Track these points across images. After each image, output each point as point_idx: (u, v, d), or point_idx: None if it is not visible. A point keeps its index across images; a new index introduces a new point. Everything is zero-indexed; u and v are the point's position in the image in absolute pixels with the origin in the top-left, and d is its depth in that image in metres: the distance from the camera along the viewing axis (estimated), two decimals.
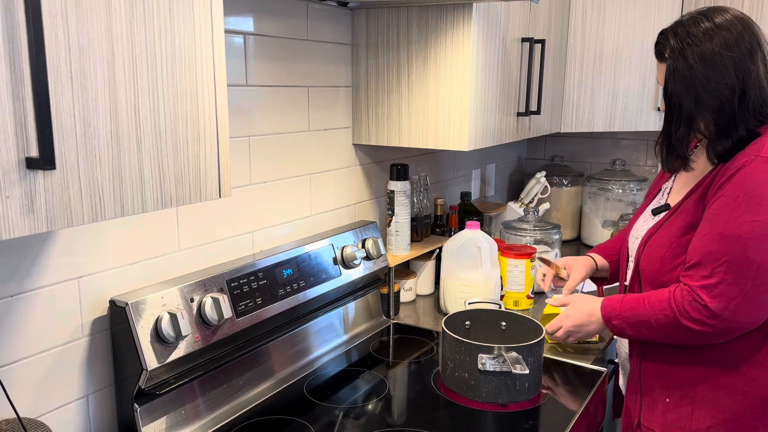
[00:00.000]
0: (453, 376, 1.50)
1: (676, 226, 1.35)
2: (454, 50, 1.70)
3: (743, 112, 1.27)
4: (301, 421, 1.39)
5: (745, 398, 1.31)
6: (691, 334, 1.29)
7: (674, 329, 1.31)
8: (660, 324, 1.32)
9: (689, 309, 1.28)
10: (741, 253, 1.22)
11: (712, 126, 1.29)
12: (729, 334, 1.28)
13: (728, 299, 1.24)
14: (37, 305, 1.15)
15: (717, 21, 1.27)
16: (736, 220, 1.23)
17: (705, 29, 1.27)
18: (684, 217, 1.34)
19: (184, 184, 0.96)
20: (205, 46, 0.95)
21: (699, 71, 1.27)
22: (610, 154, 3.05)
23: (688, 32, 1.29)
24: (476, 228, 1.96)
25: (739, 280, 1.23)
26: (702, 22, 1.28)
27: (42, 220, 0.78)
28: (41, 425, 1.06)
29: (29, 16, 0.71)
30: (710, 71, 1.26)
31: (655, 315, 1.33)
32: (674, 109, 1.32)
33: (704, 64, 1.26)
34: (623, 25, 2.34)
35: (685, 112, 1.30)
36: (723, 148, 1.29)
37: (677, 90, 1.30)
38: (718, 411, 1.33)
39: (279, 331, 1.56)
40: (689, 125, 1.31)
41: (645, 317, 1.34)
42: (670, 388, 1.38)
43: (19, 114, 0.73)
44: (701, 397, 1.34)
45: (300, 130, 1.71)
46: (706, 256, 1.26)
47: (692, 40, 1.28)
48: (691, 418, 1.35)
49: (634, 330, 1.37)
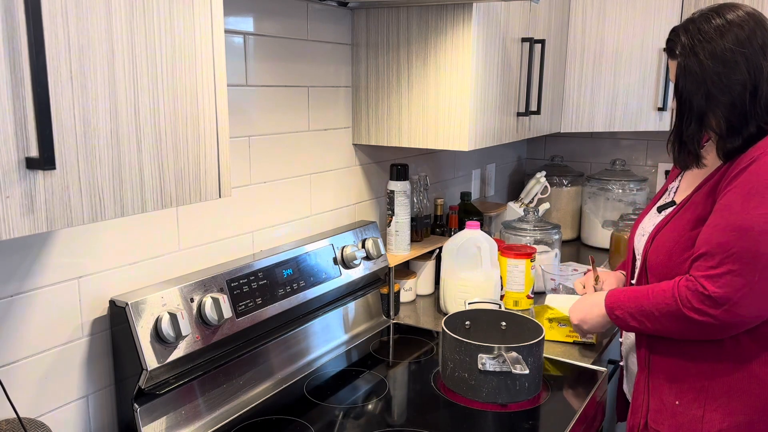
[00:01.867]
0: (453, 376, 1.50)
1: (686, 220, 1.34)
2: (454, 50, 1.70)
3: (755, 109, 1.26)
4: (301, 421, 1.39)
5: (757, 401, 1.30)
6: (693, 326, 1.28)
7: (676, 320, 1.29)
8: (662, 314, 1.31)
9: (691, 298, 1.27)
10: (751, 245, 1.21)
11: (723, 123, 1.28)
12: (732, 329, 1.27)
13: (733, 290, 1.23)
14: (37, 305, 1.15)
15: (729, 17, 1.27)
16: (748, 212, 1.22)
17: (716, 26, 1.27)
18: (693, 211, 1.33)
19: (184, 184, 0.96)
20: (205, 46, 0.95)
21: (710, 68, 1.26)
22: (610, 154, 3.05)
23: (699, 29, 1.28)
24: (476, 228, 1.96)
25: (747, 272, 1.22)
26: (713, 19, 1.28)
27: (42, 220, 0.78)
28: (41, 425, 1.06)
29: (29, 16, 0.71)
30: (721, 68, 1.26)
31: (657, 305, 1.32)
32: (685, 106, 1.31)
33: (715, 61, 1.26)
34: (623, 25, 2.34)
35: (696, 109, 1.30)
36: (733, 145, 1.29)
37: (688, 87, 1.30)
38: (730, 414, 1.31)
39: (279, 331, 1.56)
40: (700, 122, 1.30)
41: (648, 307, 1.33)
42: (680, 390, 1.36)
43: (19, 114, 0.73)
44: (712, 400, 1.32)
45: (300, 130, 1.71)
46: (715, 247, 1.25)
47: (703, 36, 1.27)
48: (702, 421, 1.33)
49: (636, 321, 1.36)
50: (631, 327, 1.39)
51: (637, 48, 2.36)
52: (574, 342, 1.78)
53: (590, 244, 2.85)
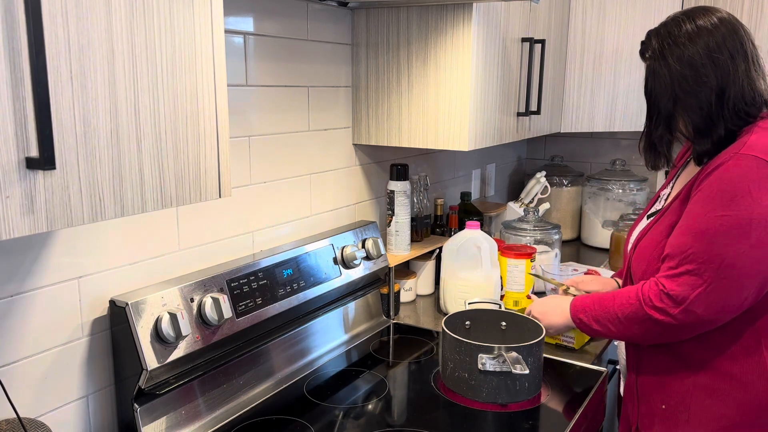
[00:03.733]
0: (453, 376, 1.50)
1: (663, 226, 1.36)
2: (454, 50, 1.70)
3: (723, 112, 1.28)
4: (301, 421, 1.39)
5: (740, 405, 1.30)
6: (655, 326, 1.30)
7: (639, 321, 1.32)
8: (625, 316, 1.33)
9: (653, 297, 1.29)
10: (706, 246, 1.24)
11: (691, 126, 1.31)
12: (692, 329, 1.29)
13: (690, 288, 1.25)
14: (37, 305, 1.15)
15: (699, 23, 1.28)
16: (707, 214, 1.24)
17: (686, 31, 1.28)
18: (669, 218, 1.36)
19: (184, 184, 0.96)
20: (205, 46, 0.95)
21: (677, 71, 1.28)
22: (610, 154, 3.05)
23: (669, 33, 1.30)
24: (476, 228, 1.96)
25: (702, 272, 1.24)
26: (684, 24, 1.29)
27: (42, 220, 0.78)
28: (41, 425, 1.06)
29: (29, 16, 0.71)
30: (688, 71, 1.27)
31: (621, 306, 1.34)
32: (654, 108, 1.34)
33: (683, 65, 1.28)
34: (623, 25, 2.34)
35: (664, 111, 1.32)
36: (702, 148, 1.30)
37: (656, 90, 1.32)
38: (714, 418, 1.32)
39: (279, 331, 1.56)
40: (668, 125, 1.33)
41: (612, 309, 1.36)
42: (665, 395, 1.38)
43: (19, 114, 0.73)
44: (696, 404, 1.33)
45: (300, 130, 1.71)
46: (674, 248, 1.28)
47: (673, 41, 1.29)
48: (687, 426, 1.34)
49: (600, 325, 1.38)
50: (595, 331, 1.41)
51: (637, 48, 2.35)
52: (556, 344, 1.77)
53: (590, 244, 2.85)
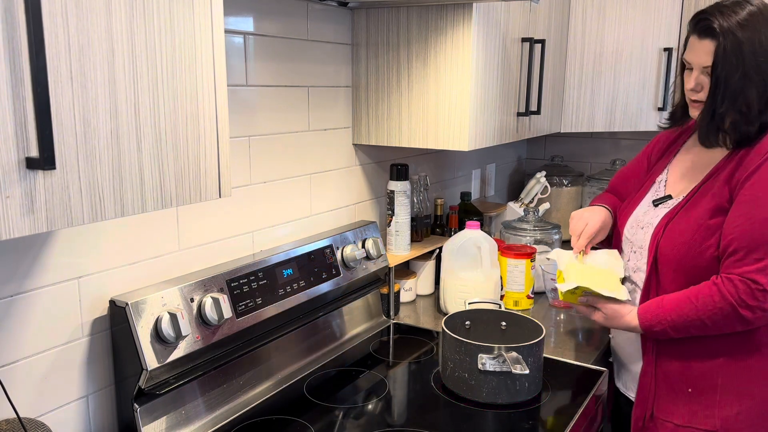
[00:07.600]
0: (453, 376, 1.50)
1: (702, 209, 1.36)
2: (454, 50, 1.70)
3: None
4: (301, 421, 1.39)
5: None
6: (743, 324, 1.30)
7: (730, 323, 1.31)
8: (714, 320, 1.32)
9: (746, 298, 1.28)
10: None
11: (755, 104, 1.31)
12: None
13: None
14: (37, 305, 1.15)
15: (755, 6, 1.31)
16: None
17: (751, 12, 1.30)
18: (710, 200, 1.35)
19: (184, 184, 0.96)
20: (205, 46, 0.95)
21: (748, 49, 1.29)
22: (610, 154, 3.05)
23: (734, 11, 1.31)
24: (476, 228, 1.96)
25: None
26: (744, 7, 1.31)
27: (42, 220, 0.78)
28: (41, 425, 1.06)
29: (29, 16, 0.71)
30: (759, 50, 1.29)
31: (707, 313, 1.32)
32: (720, 84, 1.33)
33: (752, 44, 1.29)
34: (623, 25, 2.34)
35: (732, 87, 1.31)
36: (750, 130, 1.32)
37: (726, 67, 1.31)
38: (745, 395, 1.34)
39: (279, 331, 1.56)
40: (734, 101, 1.32)
41: (696, 317, 1.34)
42: (691, 378, 1.38)
43: (19, 114, 0.73)
44: (726, 383, 1.35)
45: (300, 130, 1.71)
46: (754, 241, 1.27)
47: (741, 20, 1.30)
48: (718, 405, 1.35)
49: (678, 332, 1.37)
50: (669, 336, 1.39)
51: (637, 48, 2.36)
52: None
53: None
